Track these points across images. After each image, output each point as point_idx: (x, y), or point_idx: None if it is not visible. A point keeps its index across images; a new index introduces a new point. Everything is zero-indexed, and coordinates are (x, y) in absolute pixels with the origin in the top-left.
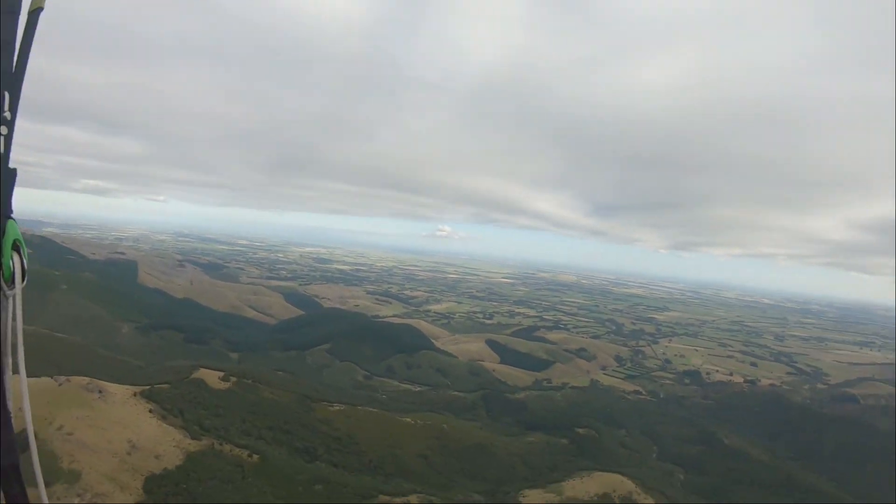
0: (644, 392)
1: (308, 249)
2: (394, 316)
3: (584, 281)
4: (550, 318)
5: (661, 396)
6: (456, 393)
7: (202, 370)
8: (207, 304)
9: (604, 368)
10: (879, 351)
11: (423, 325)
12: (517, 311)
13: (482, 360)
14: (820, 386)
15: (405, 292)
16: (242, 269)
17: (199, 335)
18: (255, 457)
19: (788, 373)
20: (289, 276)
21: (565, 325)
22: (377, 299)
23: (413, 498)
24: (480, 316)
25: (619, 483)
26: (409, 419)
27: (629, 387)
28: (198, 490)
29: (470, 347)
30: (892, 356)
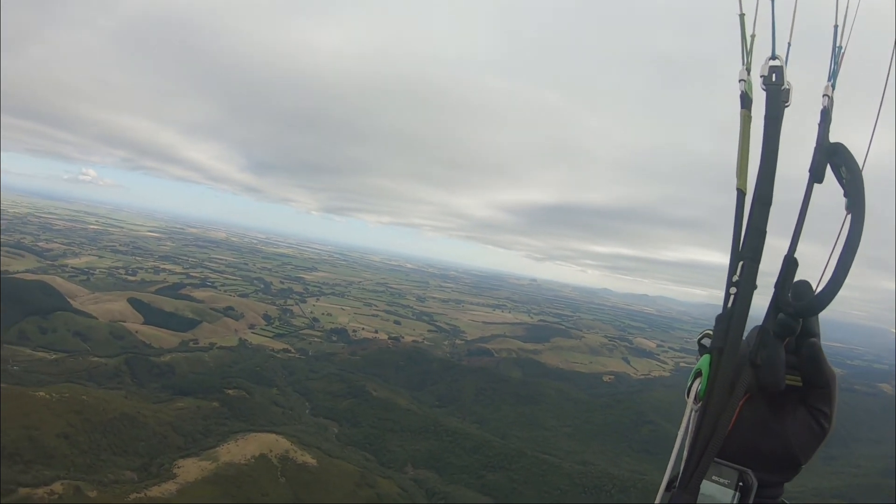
0: (293, 350)
1: None
2: (26, 272)
3: (234, 238)
4: (197, 275)
5: (311, 354)
6: (97, 359)
7: None
8: None
9: (252, 327)
10: (510, 312)
11: (60, 283)
12: (163, 267)
13: (125, 321)
14: (458, 342)
15: (40, 244)
16: None
17: None
18: None
19: (430, 330)
20: None
21: (213, 282)
22: (7, 252)
23: (58, 486)
24: (123, 272)
25: (274, 442)
26: (44, 393)
27: (278, 345)
28: None
29: (111, 307)
30: (522, 317)
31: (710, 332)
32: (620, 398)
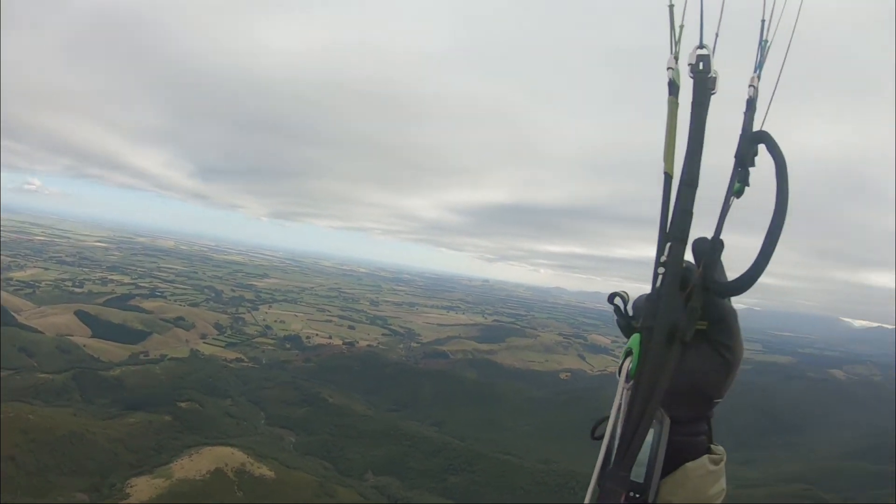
0: (246, 359)
1: None
2: None
3: (183, 247)
4: (146, 285)
5: (264, 362)
6: (43, 375)
7: None
8: None
9: (204, 337)
10: (464, 314)
11: (4, 297)
12: (110, 277)
13: (72, 335)
14: (413, 345)
15: None
16: None
17: None
18: None
19: (384, 334)
20: None
21: (162, 292)
22: None
23: None
24: (70, 284)
25: (230, 455)
26: None
27: (231, 354)
28: None
29: (58, 321)
30: (476, 318)
31: (623, 293)
32: (578, 395)
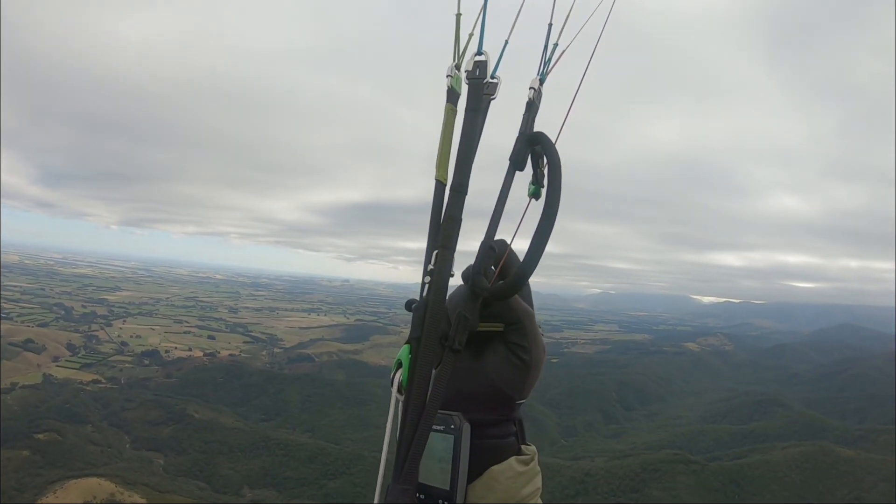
0: (104, 380)
1: None
2: None
3: (27, 261)
4: None
5: (123, 382)
6: None
7: None
8: None
9: (56, 360)
10: (326, 315)
11: None
12: None
13: None
14: (277, 350)
15: None
16: None
17: None
18: None
19: (246, 342)
20: None
21: (7, 313)
22: None
23: None
24: None
25: (97, 486)
26: None
27: (87, 376)
28: None
29: None
30: (338, 319)
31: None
32: None
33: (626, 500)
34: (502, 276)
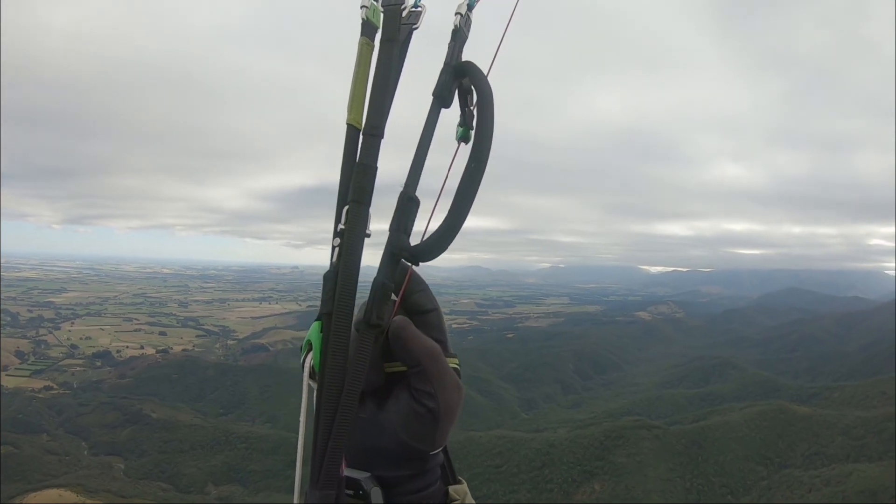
0: (56, 386)
1: None
2: None
3: None
4: None
5: (76, 386)
6: None
7: None
8: None
9: (6, 369)
10: (278, 303)
11: None
12: None
13: None
14: (230, 342)
15: None
16: None
17: None
18: None
19: (198, 336)
20: None
21: None
22: None
23: None
24: None
25: (58, 498)
26: None
27: (38, 383)
28: None
29: None
30: (290, 306)
31: None
32: None
33: (593, 468)
34: (405, 303)
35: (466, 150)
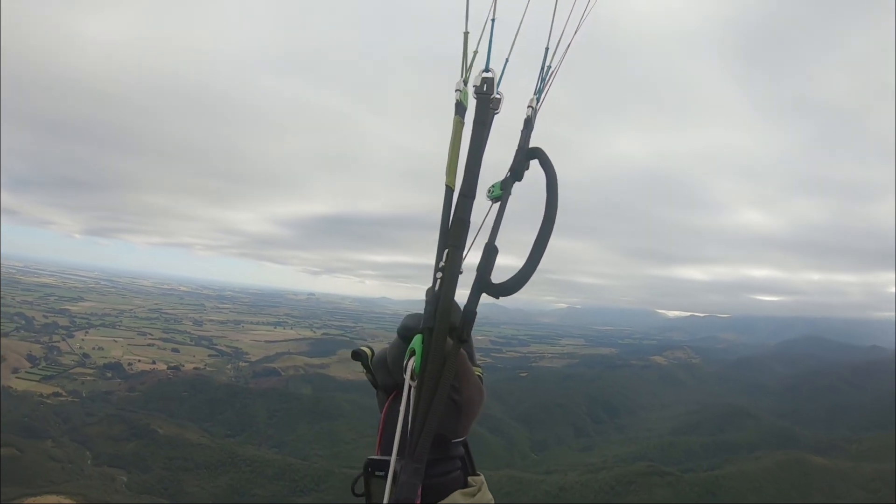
0: (65, 393)
1: None
2: None
3: None
4: None
5: (85, 395)
6: None
7: None
8: None
9: (16, 371)
10: (292, 329)
11: None
12: None
13: None
14: (242, 364)
15: None
16: None
17: None
18: None
19: (210, 355)
20: None
21: None
22: None
23: None
24: None
25: None
26: None
27: (47, 389)
28: None
29: None
30: (304, 332)
31: (364, 350)
32: None
33: None
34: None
35: (495, 206)
